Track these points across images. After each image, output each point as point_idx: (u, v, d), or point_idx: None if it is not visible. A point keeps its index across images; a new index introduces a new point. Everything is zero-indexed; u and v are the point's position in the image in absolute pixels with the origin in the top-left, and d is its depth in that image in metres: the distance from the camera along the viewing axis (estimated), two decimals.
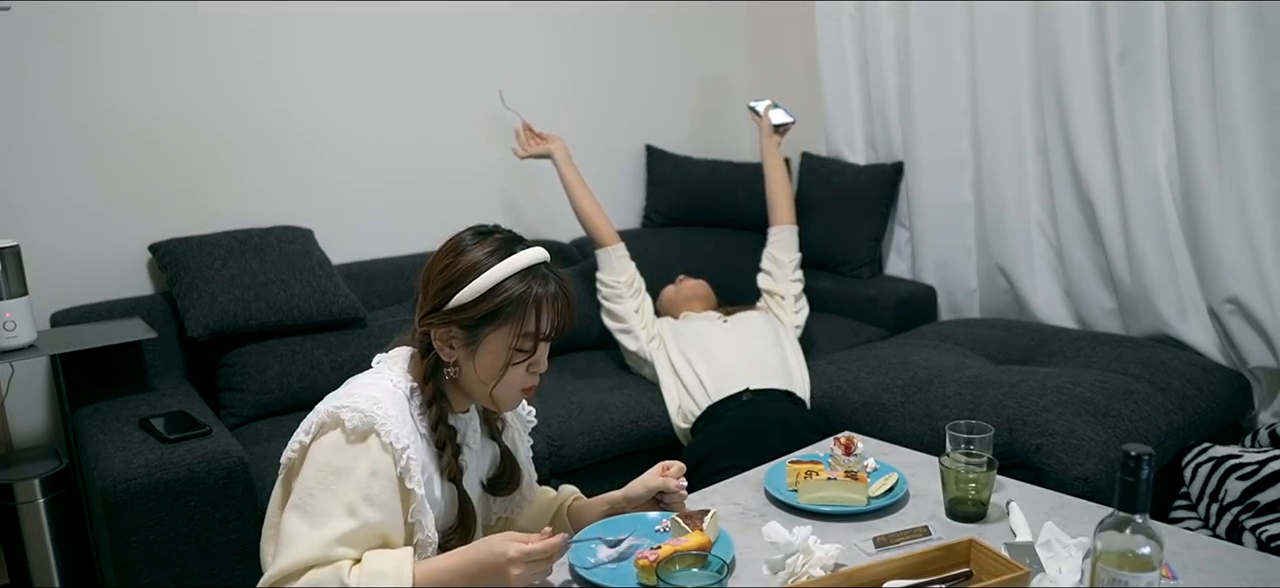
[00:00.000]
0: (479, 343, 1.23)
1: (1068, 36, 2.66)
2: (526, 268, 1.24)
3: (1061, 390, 2.15)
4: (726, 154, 3.67)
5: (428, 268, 1.27)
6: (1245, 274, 2.42)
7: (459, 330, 1.23)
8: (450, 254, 1.25)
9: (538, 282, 1.24)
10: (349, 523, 1.14)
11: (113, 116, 2.48)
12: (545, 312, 1.24)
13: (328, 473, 1.15)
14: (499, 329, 1.22)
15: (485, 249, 1.24)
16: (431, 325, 1.24)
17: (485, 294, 1.21)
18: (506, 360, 1.24)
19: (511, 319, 1.22)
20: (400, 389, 1.24)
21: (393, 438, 1.17)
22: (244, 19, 2.65)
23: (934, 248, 3.17)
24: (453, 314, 1.22)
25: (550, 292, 1.24)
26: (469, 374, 1.26)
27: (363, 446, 1.16)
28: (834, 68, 3.37)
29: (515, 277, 1.22)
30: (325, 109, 2.82)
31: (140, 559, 1.85)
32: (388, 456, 1.17)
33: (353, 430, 1.16)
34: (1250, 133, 2.34)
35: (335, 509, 1.14)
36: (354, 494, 1.15)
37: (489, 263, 1.22)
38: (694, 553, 1.21)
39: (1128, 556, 0.98)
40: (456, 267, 1.23)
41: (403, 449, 1.18)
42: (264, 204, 2.72)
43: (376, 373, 1.28)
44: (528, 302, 1.22)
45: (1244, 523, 2.07)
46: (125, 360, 2.37)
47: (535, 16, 3.21)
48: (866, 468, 1.54)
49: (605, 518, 1.40)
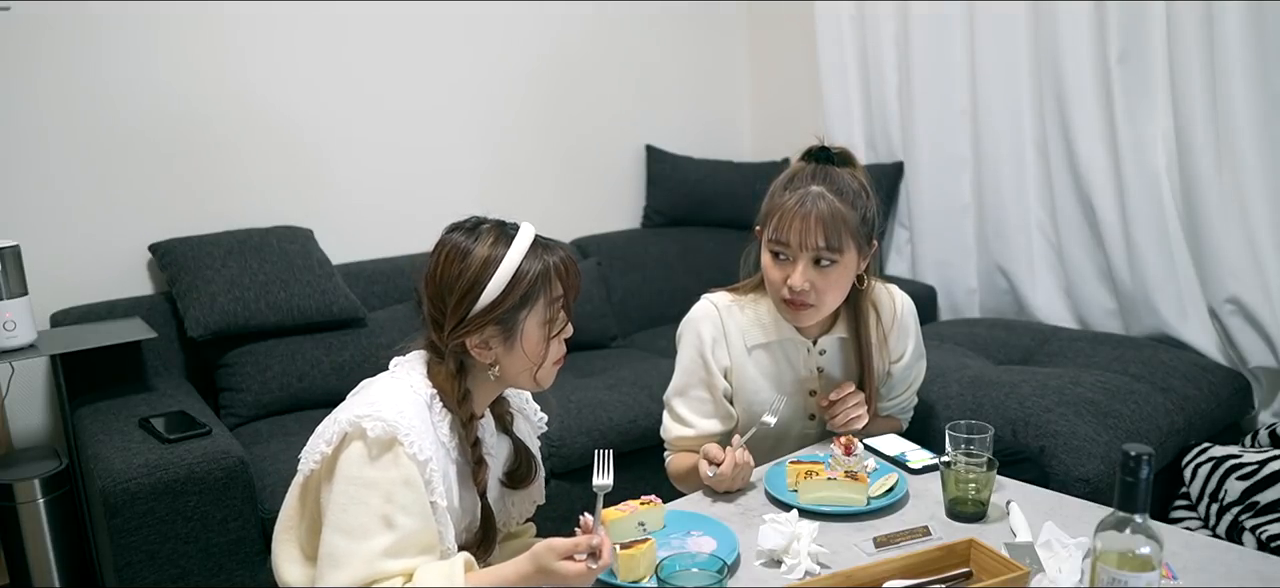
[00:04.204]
0: (516, 332, 1.24)
1: (1068, 36, 2.66)
2: (532, 244, 1.26)
3: (1062, 391, 2.15)
4: (726, 154, 3.67)
5: (435, 282, 1.25)
6: (1245, 274, 2.42)
7: (494, 328, 1.23)
8: (455, 261, 1.23)
9: (546, 253, 1.26)
10: (388, 536, 1.13)
11: (112, 116, 2.48)
12: (563, 276, 1.27)
13: (358, 486, 1.14)
14: (532, 309, 1.25)
15: (487, 242, 1.24)
16: (465, 336, 1.23)
17: (511, 283, 1.22)
18: (547, 335, 1.27)
19: (540, 296, 1.25)
20: (421, 396, 1.23)
21: (417, 450, 1.16)
22: (244, 19, 2.65)
23: (934, 248, 3.17)
24: (485, 316, 1.22)
25: (559, 257, 1.27)
26: (512, 366, 1.27)
27: (390, 455, 1.15)
28: (834, 68, 3.37)
29: (529, 255, 1.24)
30: (325, 109, 2.82)
31: (140, 559, 1.85)
32: (413, 465, 1.16)
33: (376, 441, 1.15)
34: (1250, 133, 2.34)
35: (372, 524, 1.13)
36: (388, 506, 1.14)
37: (499, 253, 1.23)
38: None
39: (1128, 556, 0.98)
40: (469, 270, 1.22)
41: (426, 462, 1.17)
42: (264, 204, 2.72)
43: (395, 378, 1.26)
44: (550, 274, 1.25)
45: (1244, 523, 2.07)
46: (125, 360, 2.37)
47: (535, 17, 3.21)
48: (866, 468, 1.54)
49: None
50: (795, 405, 1.71)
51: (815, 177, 1.57)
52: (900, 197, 3.27)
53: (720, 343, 1.67)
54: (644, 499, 1.39)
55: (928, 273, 3.21)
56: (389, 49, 2.91)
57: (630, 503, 1.38)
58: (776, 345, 1.68)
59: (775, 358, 1.69)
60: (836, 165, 1.60)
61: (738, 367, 1.67)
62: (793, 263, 1.56)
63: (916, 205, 3.19)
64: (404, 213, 2.97)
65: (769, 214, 1.59)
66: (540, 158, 3.29)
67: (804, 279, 1.55)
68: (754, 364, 1.68)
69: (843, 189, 1.56)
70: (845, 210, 1.54)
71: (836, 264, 1.55)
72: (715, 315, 1.68)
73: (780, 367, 1.69)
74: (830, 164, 1.60)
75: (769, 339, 1.68)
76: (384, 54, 2.91)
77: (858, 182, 1.59)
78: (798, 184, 1.57)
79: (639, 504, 1.38)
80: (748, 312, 1.69)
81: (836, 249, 1.54)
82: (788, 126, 3.69)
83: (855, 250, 1.57)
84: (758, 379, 1.68)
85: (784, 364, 1.69)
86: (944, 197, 3.11)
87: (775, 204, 1.58)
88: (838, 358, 1.71)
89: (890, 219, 3.32)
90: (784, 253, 1.57)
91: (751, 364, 1.68)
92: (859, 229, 1.56)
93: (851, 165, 1.62)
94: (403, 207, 2.97)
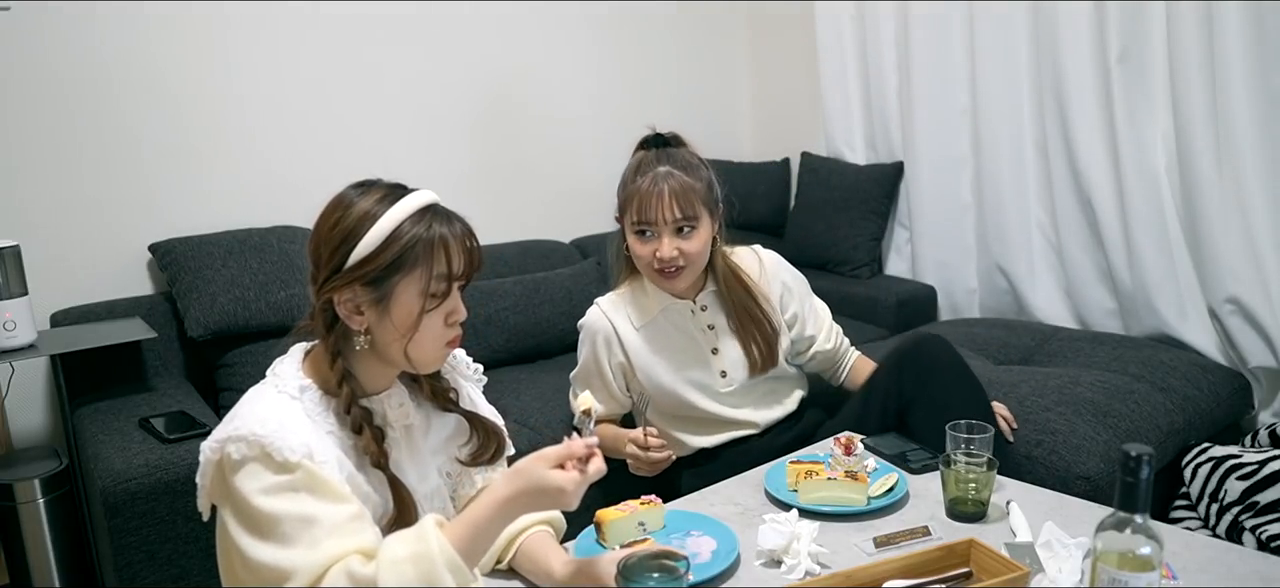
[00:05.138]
0: (388, 297, 1.15)
1: (1068, 36, 2.66)
2: (422, 208, 1.16)
3: (1062, 391, 2.15)
4: (726, 154, 3.67)
5: (315, 232, 1.18)
6: (1245, 274, 2.42)
7: (363, 289, 1.14)
8: (336, 210, 1.17)
9: (440, 221, 1.16)
10: (317, 528, 1.04)
11: (112, 116, 2.48)
12: (454, 250, 1.16)
13: (260, 497, 1.05)
14: (408, 276, 1.14)
15: (374, 197, 1.16)
16: (333, 291, 1.15)
17: (387, 241, 1.13)
18: (421, 308, 1.15)
19: (420, 263, 1.14)
20: (287, 392, 1.15)
21: (288, 452, 1.06)
22: (244, 19, 2.65)
23: (934, 248, 3.17)
24: (354, 271, 1.13)
25: (456, 231, 1.17)
26: (383, 336, 1.17)
27: (256, 464, 1.07)
28: (834, 68, 3.37)
29: (412, 218, 1.15)
30: (326, 109, 2.82)
31: (140, 559, 1.85)
32: (286, 474, 1.06)
33: (241, 459, 1.07)
34: (1250, 133, 2.34)
35: (295, 529, 1.04)
36: (300, 504, 1.05)
37: (381, 209, 1.14)
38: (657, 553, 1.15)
39: (1128, 556, 0.98)
40: (347, 220, 1.15)
41: (300, 460, 1.07)
42: (264, 204, 2.72)
43: (260, 387, 1.18)
44: (434, 242, 1.15)
45: (1244, 523, 2.07)
46: (125, 360, 2.37)
47: (535, 18, 3.21)
48: (866, 468, 1.54)
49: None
50: (705, 370, 1.88)
51: (659, 159, 1.78)
52: (900, 197, 3.27)
53: (613, 343, 1.87)
54: (644, 499, 1.39)
55: (928, 273, 3.21)
56: (389, 49, 2.91)
57: (630, 503, 1.38)
58: (661, 317, 1.88)
59: (663, 329, 1.88)
60: (672, 147, 1.83)
61: (634, 352, 1.86)
62: (658, 238, 1.77)
63: (916, 205, 3.19)
64: None
65: (627, 202, 1.80)
66: (540, 158, 3.29)
67: (671, 247, 1.76)
68: (647, 343, 1.87)
69: (685, 164, 1.78)
70: (692, 181, 1.76)
71: (696, 229, 1.78)
72: (603, 320, 1.89)
73: (670, 335, 1.87)
74: (667, 146, 1.83)
75: (653, 314, 1.87)
76: (384, 54, 2.91)
77: (695, 157, 1.83)
78: (645, 168, 1.78)
79: (639, 504, 1.38)
80: (630, 301, 1.90)
81: (693, 217, 1.76)
82: (788, 127, 3.69)
83: (707, 214, 1.80)
84: (655, 355, 1.86)
85: (674, 332, 1.88)
86: (944, 197, 3.11)
87: (630, 192, 1.79)
88: (719, 310, 1.90)
89: (890, 219, 3.32)
90: (649, 230, 1.78)
91: (645, 345, 1.87)
92: (707, 196, 1.79)
93: (683, 145, 1.85)
94: None
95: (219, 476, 1.10)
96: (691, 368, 1.87)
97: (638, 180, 1.77)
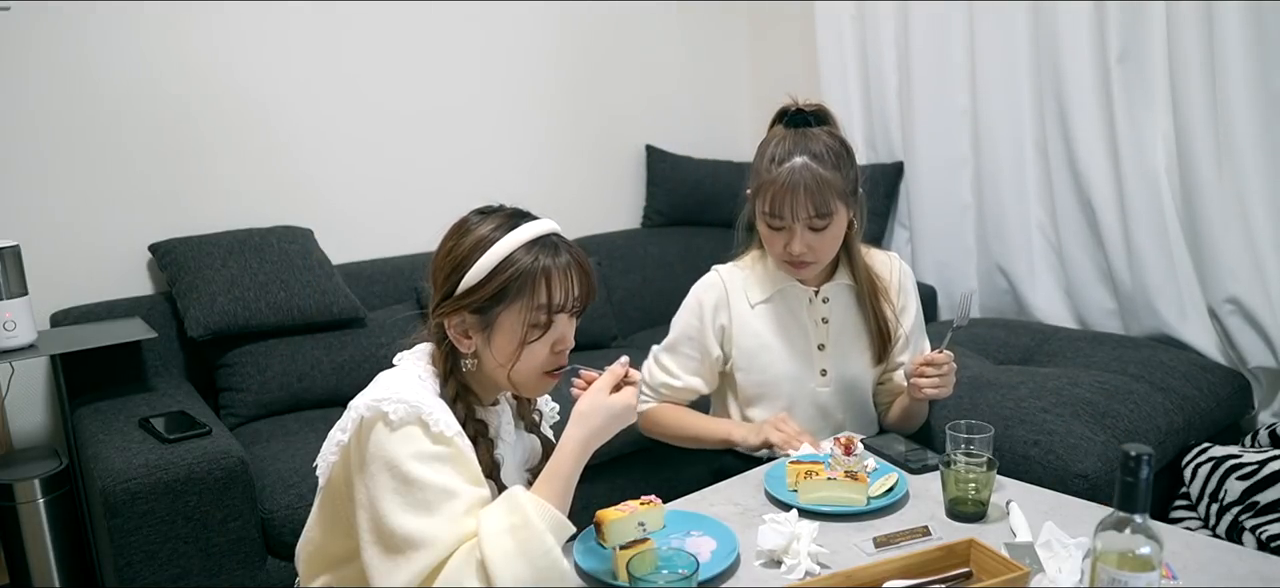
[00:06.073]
0: (493, 325, 1.19)
1: (1068, 36, 2.66)
2: (534, 239, 1.19)
3: (1061, 391, 2.15)
4: (726, 154, 3.67)
5: (435, 255, 1.23)
6: (1245, 274, 2.42)
7: (471, 316, 1.19)
8: (454, 236, 1.21)
9: (546, 253, 1.19)
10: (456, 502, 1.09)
11: (112, 116, 2.48)
12: (557, 282, 1.19)
13: (407, 462, 1.09)
14: (510, 306, 1.18)
15: (490, 225, 1.20)
16: (444, 316, 1.20)
17: (493, 271, 1.17)
18: (521, 338, 1.19)
19: (522, 294, 1.18)
20: (427, 384, 1.20)
21: (443, 427, 1.12)
22: (243, 19, 2.65)
23: (934, 248, 3.17)
24: (463, 299, 1.18)
25: (561, 262, 1.20)
26: (489, 361, 1.22)
27: (420, 432, 1.11)
28: (834, 68, 3.37)
29: (523, 248, 1.18)
30: (326, 110, 2.82)
31: (140, 559, 1.85)
32: (441, 445, 1.12)
33: (399, 422, 1.10)
34: (1250, 133, 2.34)
35: (435, 497, 1.08)
36: (442, 476, 1.10)
37: (494, 237, 1.18)
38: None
39: (1128, 556, 0.98)
40: (461, 247, 1.19)
41: (453, 436, 1.13)
42: (264, 204, 2.72)
43: (402, 370, 1.22)
44: (537, 273, 1.18)
45: (1244, 523, 2.07)
46: (125, 360, 2.37)
47: (536, 17, 3.21)
48: (866, 468, 1.54)
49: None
50: (806, 364, 1.78)
51: (796, 147, 1.64)
52: (900, 197, 3.27)
53: (722, 307, 1.78)
54: (644, 499, 1.39)
55: (928, 273, 3.21)
56: (389, 50, 2.91)
57: (630, 503, 1.38)
58: (778, 297, 1.78)
59: (777, 311, 1.78)
60: (814, 126, 1.69)
61: (740, 324, 1.77)
62: (789, 231, 1.66)
63: (916, 205, 3.19)
64: (404, 213, 2.97)
65: (760, 189, 1.68)
66: (540, 158, 3.29)
67: (802, 244, 1.66)
68: (758, 319, 1.77)
69: (822, 154, 1.64)
70: (829, 175, 1.63)
71: (829, 225, 1.66)
72: (718, 283, 1.79)
73: (783, 319, 1.77)
74: (806, 126, 1.69)
75: (771, 293, 1.77)
76: (384, 55, 2.91)
77: (837, 141, 1.68)
78: (781, 158, 1.64)
79: (639, 504, 1.38)
80: (750, 272, 1.79)
81: (827, 214, 1.64)
82: None
83: (844, 208, 1.68)
84: (762, 335, 1.77)
85: (787, 315, 1.78)
86: (944, 197, 3.11)
87: (764, 181, 1.66)
88: (843, 307, 1.79)
89: (890, 219, 3.32)
90: (779, 224, 1.67)
91: (755, 319, 1.77)
92: (844, 189, 1.66)
93: (827, 123, 1.71)
94: (403, 207, 2.97)
95: (366, 437, 1.12)
96: (794, 358, 1.76)
97: (773, 170, 1.64)
